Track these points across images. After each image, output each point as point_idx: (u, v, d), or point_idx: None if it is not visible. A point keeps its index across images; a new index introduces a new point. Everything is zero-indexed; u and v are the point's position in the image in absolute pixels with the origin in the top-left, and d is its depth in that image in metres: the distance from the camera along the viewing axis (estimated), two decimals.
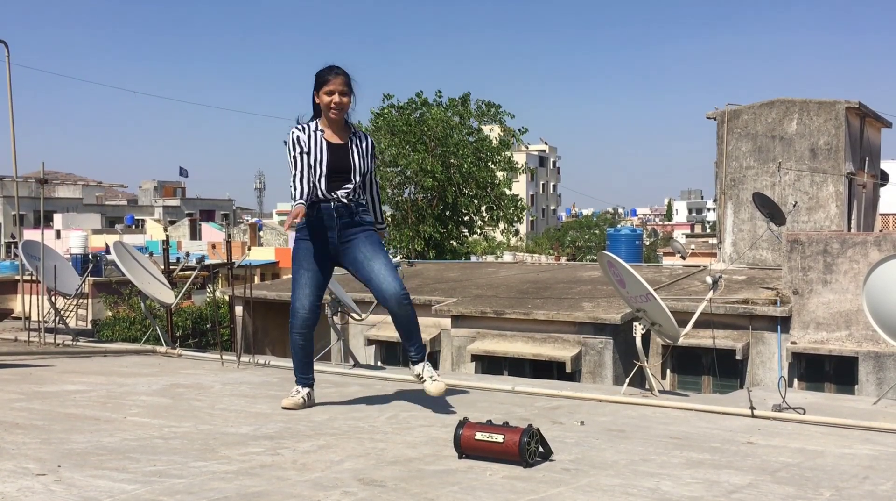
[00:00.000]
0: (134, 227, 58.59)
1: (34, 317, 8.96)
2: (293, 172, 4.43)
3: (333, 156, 4.44)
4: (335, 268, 4.71)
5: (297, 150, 4.44)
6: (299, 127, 4.51)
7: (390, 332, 12.57)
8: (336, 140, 4.50)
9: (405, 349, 4.58)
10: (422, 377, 4.53)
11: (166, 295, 8.50)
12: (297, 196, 4.35)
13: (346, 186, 4.46)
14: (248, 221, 62.23)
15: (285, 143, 4.53)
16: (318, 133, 4.48)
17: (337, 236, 4.46)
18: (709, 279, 6.22)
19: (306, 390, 4.62)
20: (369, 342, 13.18)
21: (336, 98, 4.42)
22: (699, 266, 15.44)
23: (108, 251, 24.23)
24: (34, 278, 9.15)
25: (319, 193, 4.42)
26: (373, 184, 4.73)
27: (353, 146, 4.53)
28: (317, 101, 4.50)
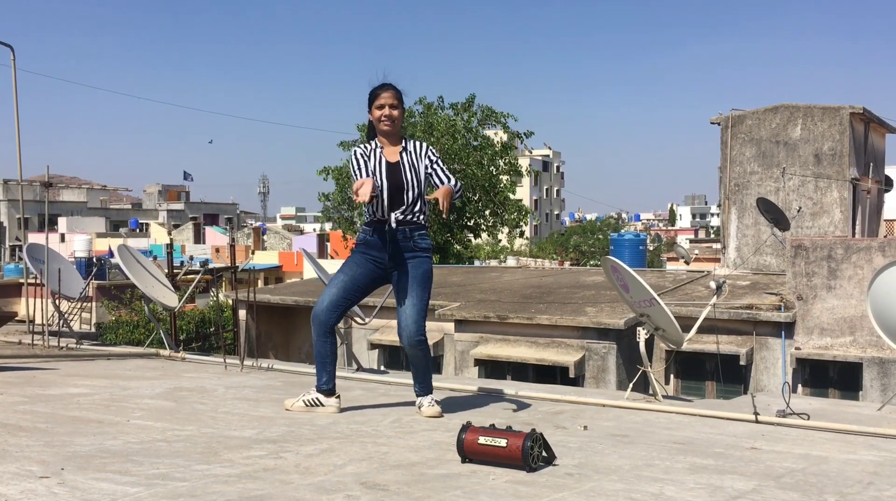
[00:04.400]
0: (138, 230, 58.71)
1: (38, 320, 8.97)
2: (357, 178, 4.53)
3: (391, 174, 4.53)
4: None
5: (362, 162, 4.57)
6: (362, 146, 4.67)
7: (393, 336, 12.52)
8: (392, 159, 4.59)
9: (414, 382, 4.72)
10: (420, 406, 4.63)
11: (170, 299, 8.50)
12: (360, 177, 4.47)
13: (402, 206, 4.53)
14: (251, 225, 62.27)
15: (350, 161, 4.72)
16: (378, 150, 4.61)
17: (388, 258, 4.55)
18: (712, 284, 6.21)
19: (331, 399, 4.63)
20: (372, 346, 13.16)
21: (386, 111, 4.57)
22: (703, 271, 15.41)
23: (111, 255, 24.25)
24: (38, 281, 9.17)
25: (379, 212, 4.52)
26: (440, 170, 4.68)
27: (405, 163, 4.59)
28: (370, 118, 4.65)
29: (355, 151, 4.65)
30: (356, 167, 4.57)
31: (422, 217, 4.60)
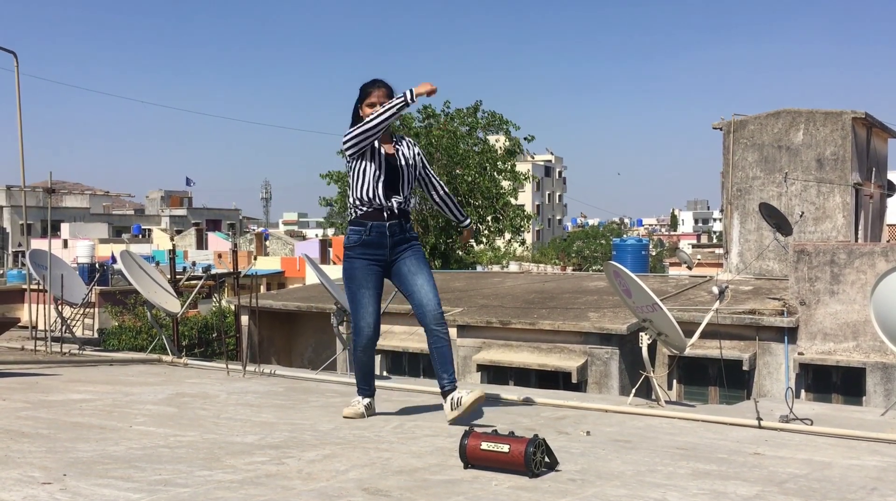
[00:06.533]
0: (141, 236, 58.76)
1: (41, 326, 8.97)
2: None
3: (389, 163, 4.57)
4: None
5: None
6: None
7: (396, 341, 12.55)
8: (389, 150, 4.62)
9: (438, 376, 4.53)
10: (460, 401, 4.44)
11: (172, 304, 8.51)
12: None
13: (397, 196, 4.58)
14: (254, 230, 62.29)
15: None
16: (375, 140, 4.59)
17: (388, 254, 4.57)
18: (715, 290, 6.21)
19: (367, 400, 4.69)
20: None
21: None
22: (705, 276, 15.40)
23: (114, 260, 24.29)
24: (41, 287, 9.17)
25: (377, 200, 4.52)
26: (437, 184, 4.86)
27: (400, 155, 4.64)
28: (361, 114, 4.63)
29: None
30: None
31: (410, 207, 4.72)
